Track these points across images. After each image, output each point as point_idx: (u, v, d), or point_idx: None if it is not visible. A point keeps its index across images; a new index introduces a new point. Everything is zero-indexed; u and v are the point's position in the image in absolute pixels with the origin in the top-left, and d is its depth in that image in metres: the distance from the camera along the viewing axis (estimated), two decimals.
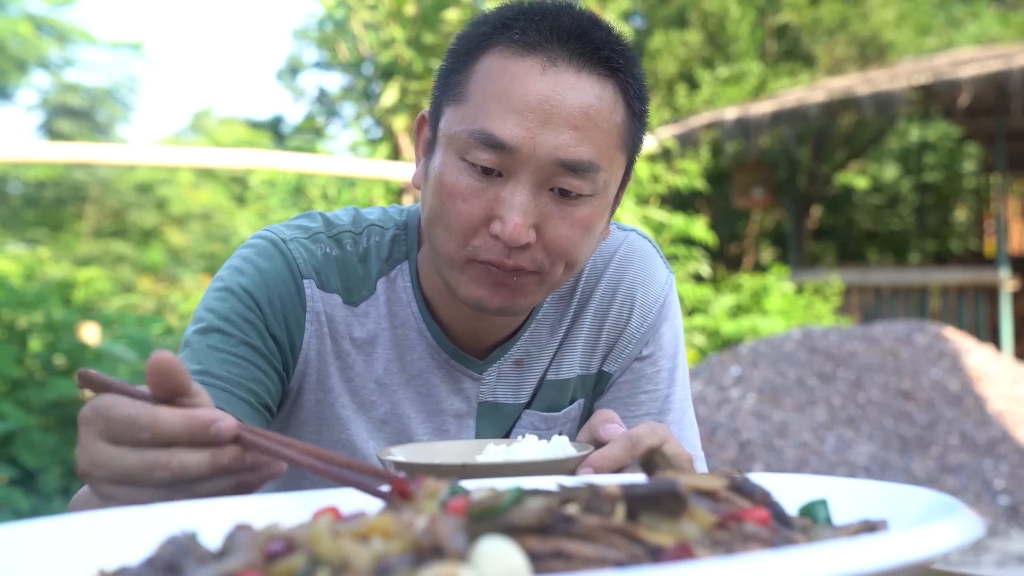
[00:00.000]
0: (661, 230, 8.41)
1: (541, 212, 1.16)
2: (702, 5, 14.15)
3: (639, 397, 1.37)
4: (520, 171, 1.14)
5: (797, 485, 0.77)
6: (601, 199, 1.20)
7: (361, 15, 9.04)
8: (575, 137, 1.14)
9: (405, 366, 1.30)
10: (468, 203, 1.15)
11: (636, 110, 1.21)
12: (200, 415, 0.80)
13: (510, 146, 1.13)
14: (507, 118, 1.13)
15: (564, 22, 1.17)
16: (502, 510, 0.54)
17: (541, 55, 1.15)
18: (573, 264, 1.22)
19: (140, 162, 6.35)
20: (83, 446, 0.82)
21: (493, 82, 1.15)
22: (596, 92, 1.16)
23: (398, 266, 1.31)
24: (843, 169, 14.31)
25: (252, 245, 1.28)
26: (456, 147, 1.16)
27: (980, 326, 10.07)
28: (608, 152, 1.18)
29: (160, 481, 0.79)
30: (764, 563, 0.45)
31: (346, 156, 9.78)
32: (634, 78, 1.21)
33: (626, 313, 1.38)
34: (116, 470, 0.80)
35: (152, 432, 0.79)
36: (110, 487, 0.81)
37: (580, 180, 1.15)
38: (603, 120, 1.16)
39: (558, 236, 1.17)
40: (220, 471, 0.80)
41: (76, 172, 14.75)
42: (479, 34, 1.20)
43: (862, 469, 5.30)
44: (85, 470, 0.82)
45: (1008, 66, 9.13)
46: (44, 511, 4.42)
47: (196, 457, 0.79)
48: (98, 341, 5.51)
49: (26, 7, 15.28)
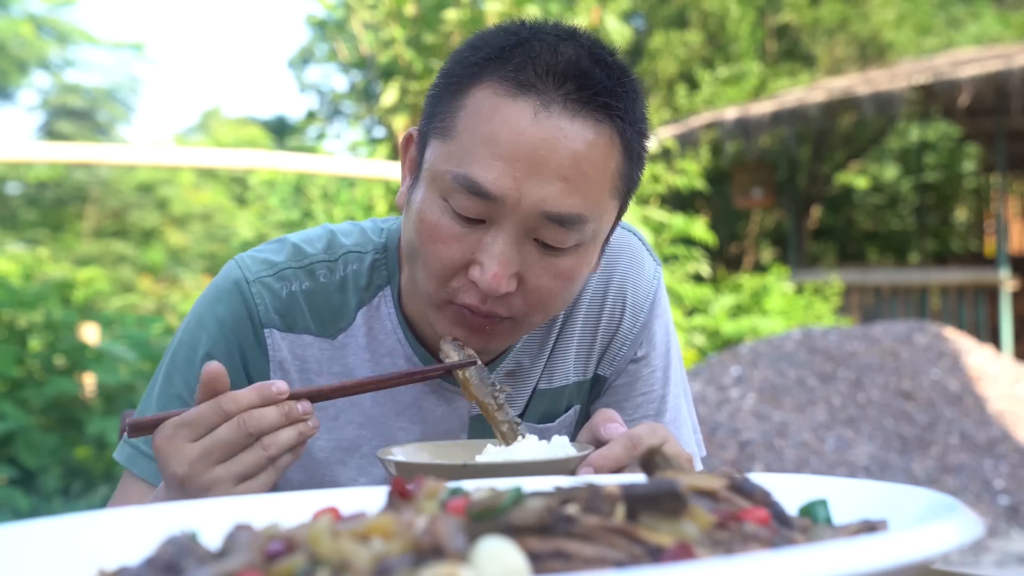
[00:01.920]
0: (661, 230, 8.41)
1: (523, 261, 1.11)
2: (702, 5, 14.15)
3: (636, 400, 1.36)
4: (503, 220, 1.09)
5: (797, 485, 0.77)
6: (589, 247, 1.15)
7: (361, 15, 9.04)
8: (563, 189, 1.08)
9: (395, 395, 1.26)
10: (448, 246, 1.11)
11: (634, 152, 1.15)
12: (263, 383, 1.02)
13: (494, 195, 1.07)
14: (493, 165, 1.07)
15: (562, 60, 1.09)
16: (502, 510, 0.54)
17: (534, 97, 1.08)
18: (552, 313, 1.18)
19: (140, 162, 6.35)
20: (175, 457, 1.00)
21: (482, 123, 1.09)
22: (590, 139, 1.09)
23: (379, 293, 1.27)
24: (843, 169, 14.31)
25: (218, 288, 1.25)
26: (439, 187, 1.11)
27: (980, 326, 10.07)
28: (599, 202, 1.12)
29: (249, 435, 0.99)
30: (764, 563, 0.45)
31: (346, 156, 9.78)
32: (634, 119, 1.14)
33: (618, 314, 1.35)
34: (213, 450, 0.99)
35: (235, 403, 1.00)
36: (210, 472, 0.99)
37: (566, 232, 1.10)
38: (595, 169, 1.10)
39: (539, 287, 1.13)
40: (287, 419, 1.01)
41: (77, 173, 14.75)
42: (472, 62, 1.13)
43: (862, 469, 5.30)
44: (184, 471, 0.99)
45: (1008, 66, 9.13)
46: (44, 511, 4.42)
47: (269, 411, 1.01)
48: (98, 341, 5.51)
49: (27, 7, 15.28)
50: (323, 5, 9.61)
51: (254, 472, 1.01)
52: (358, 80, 10.37)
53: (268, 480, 1.02)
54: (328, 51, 11.30)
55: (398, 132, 8.88)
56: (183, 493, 1.00)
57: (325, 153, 9.91)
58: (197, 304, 1.26)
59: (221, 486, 0.99)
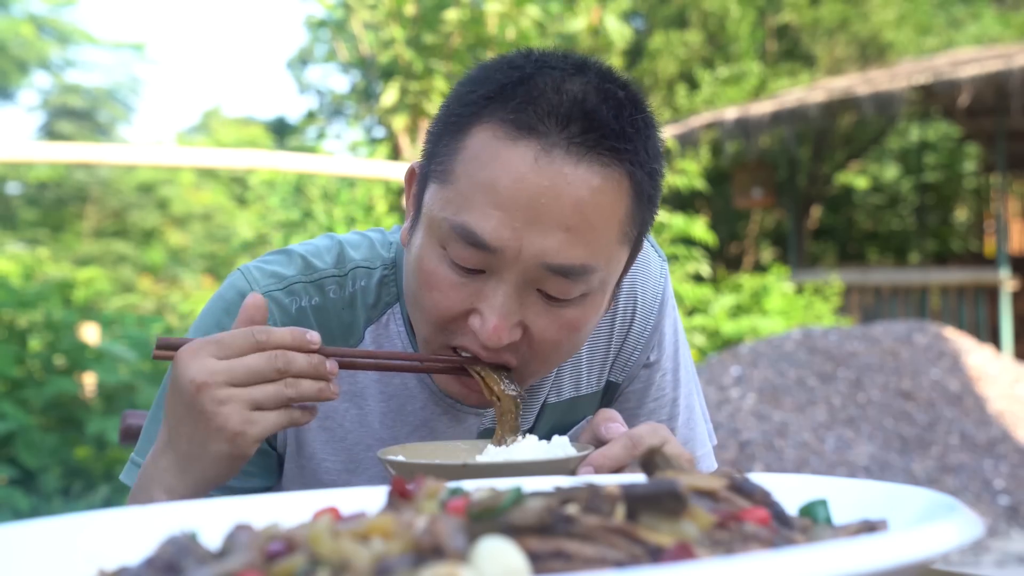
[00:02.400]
0: (661, 230, 8.42)
1: (526, 311, 1.07)
2: (702, 5, 14.15)
3: (649, 406, 1.34)
4: (504, 270, 1.04)
5: (797, 485, 0.77)
6: (596, 296, 1.10)
7: (361, 15, 9.04)
8: (566, 240, 1.02)
9: (407, 417, 1.23)
10: (446, 294, 1.07)
11: (646, 194, 1.09)
12: (298, 328, 1.02)
13: (492, 247, 1.02)
14: (491, 215, 1.02)
15: (567, 99, 1.03)
16: (502, 510, 0.54)
17: (535, 141, 1.02)
18: (555, 365, 1.15)
19: (140, 162, 6.35)
20: (197, 365, 0.98)
21: (480, 168, 1.03)
22: (596, 185, 1.02)
23: (388, 311, 1.23)
24: (843, 169, 14.31)
25: (224, 299, 1.20)
26: (437, 234, 1.06)
27: (980, 326, 10.07)
28: (606, 250, 1.06)
29: (277, 370, 0.99)
30: (764, 563, 0.45)
31: (346, 156, 9.78)
32: (647, 157, 1.07)
33: (628, 317, 1.31)
34: (238, 371, 0.98)
35: (268, 336, 1.00)
36: (228, 389, 0.98)
37: (571, 284, 1.05)
38: (601, 217, 1.04)
39: (544, 338, 1.08)
40: (314, 371, 1.01)
41: (77, 173, 14.76)
42: (471, 101, 1.06)
43: (862, 469, 5.30)
44: (203, 379, 0.97)
45: (1008, 66, 9.13)
46: (44, 511, 4.42)
47: (300, 356, 1.00)
48: (98, 341, 5.51)
49: (28, 8, 15.29)
50: (323, 5, 9.61)
51: (269, 406, 0.99)
52: (358, 80, 10.36)
53: (278, 421, 1.00)
54: (328, 51, 11.30)
55: (398, 132, 8.88)
56: (192, 408, 0.98)
57: (325, 153, 9.91)
58: (203, 317, 1.21)
59: (234, 404, 0.98)
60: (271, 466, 1.23)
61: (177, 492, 1.02)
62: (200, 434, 0.99)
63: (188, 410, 0.99)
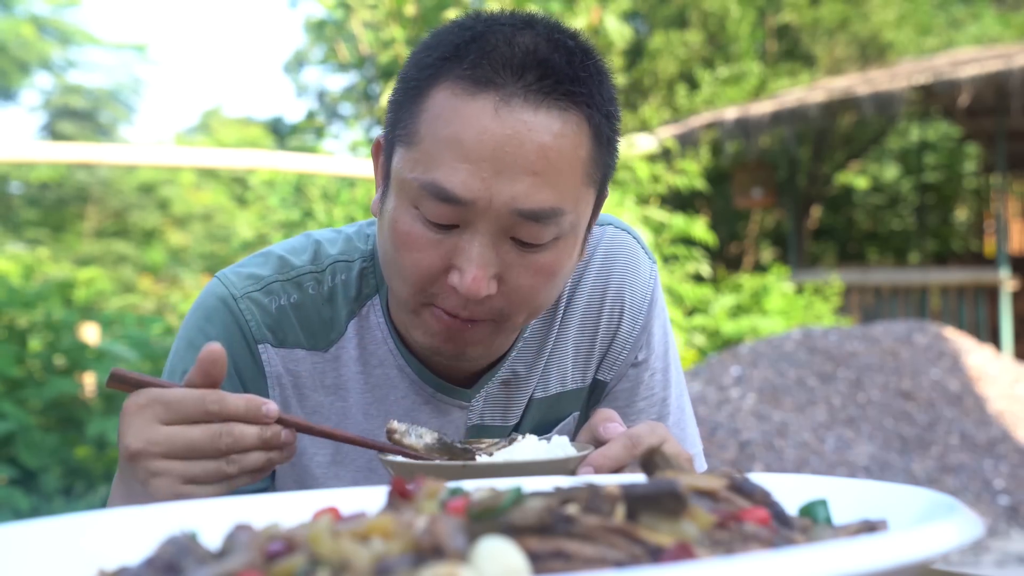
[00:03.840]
0: (661, 230, 8.41)
1: (502, 261, 1.08)
2: (702, 5, 14.15)
3: (638, 405, 1.35)
4: (477, 222, 1.06)
5: (797, 485, 0.77)
6: (568, 239, 1.12)
7: (361, 15, 9.04)
8: (533, 184, 1.05)
9: (388, 407, 1.24)
10: (424, 253, 1.08)
11: (604, 136, 1.12)
12: (255, 397, 0.97)
13: (464, 199, 1.04)
14: (459, 168, 1.04)
15: (519, 51, 1.06)
16: (502, 510, 0.54)
17: (493, 93, 1.04)
18: (536, 311, 1.16)
19: (141, 162, 6.35)
20: (136, 429, 0.95)
21: (443, 126, 1.06)
22: (556, 129, 1.06)
23: (368, 302, 1.24)
24: (843, 169, 14.31)
25: (204, 307, 1.21)
26: (408, 195, 1.08)
27: (980, 326, 10.07)
28: (573, 192, 1.09)
29: (219, 450, 0.94)
30: (764, 563, 0.45)
31: (346, 156, 9.78)
32: (602, 100, 1.10)
33: (616, 318, 1.32)
34: (177, 444, 0.94)
35: (220, 406, 0.95)
36: (164, 462, 0.94)
37: (542, 228, 1.07)
38: (565, 160, 1.07)
39: (521, 286, 1.10)
40: (265, 444, 0.96)
41: (78, 173, 14.76)
42: (427, 64, 1.09)
43: (862, 469, 5.30)
44: (139, 448, 0.95)
45: (1008, 66, 9.14)
46: (44, 511, 4.42)
47: (250, 430, 0.96)
48: (98, 341, 5.51)
49: (30, 8, 15.30)
50: (323, 5, 9.62)
51: (206, 481, 0.96)
52: (358, 80, 10.37)
53: (216, 492, 0.97)
54: (327, 52, 11.31)
55: None
56: (129, 470, 0.97)
57: (325, 153, 9.91)
58: (185, 327, 1.21)
59: (166, 479, 0.95)
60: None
61: None
62: (138, 489, 0.98)
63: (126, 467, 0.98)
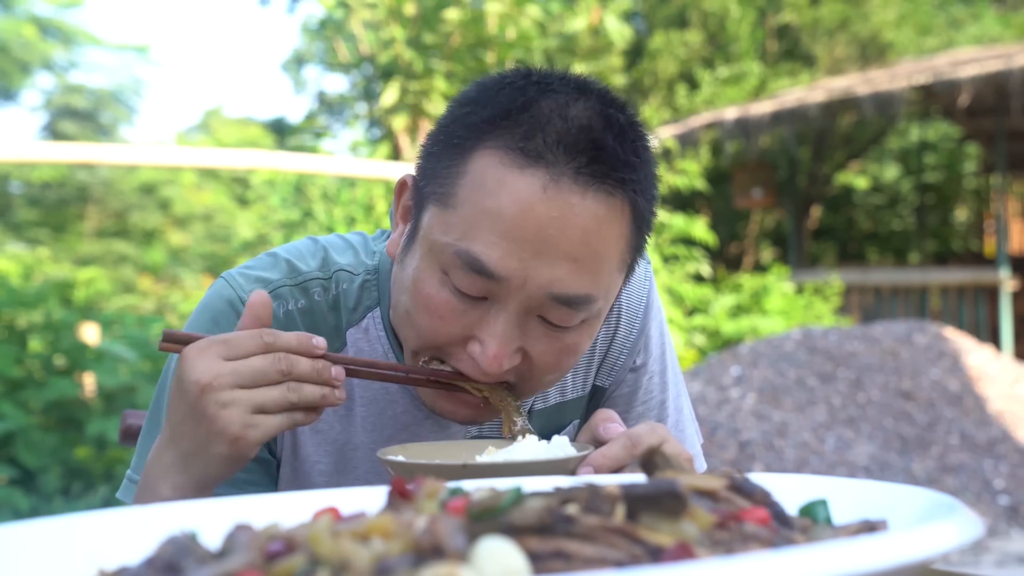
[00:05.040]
0: (661, 230, 8.42)
1: (526, 337, 1.07)
2: (702, 5, 14.15)
3: (637, 409, 1.35)
4: (507, 299, 1.04)
5: (797, 485, 0.77)
6: (594, 322, 1.11)
7: (361, 15, 9.04)
8: (572, 271, 1.02)
9: (388, 422, 1.22)
10: (446, 322, 1.06)
11: (644, 221, 1.09)
12: (304, 333, 1.02)
13: (499, 276, 1.02)
14: (498, 244, 1.01)
15: (574, 127, 1.02)
16: (502, 510, 0.54)
17: (543, 170, 1.00)
18: (547, 386, 1.15)
19: (142, 162, 6.35)
20: (203, 365, 0.98)
21: (486, 195, 1.02)
22: (602, 215, 1.02)
23: (368, 314, 1.22)
24: (843, 169, 14.31)
25: (212, 309, 1.19)
26: (438, 259, 1.05)
27: (980, 326, 10.07)
28: (607, 279, 1.07)
29: (281, 373, 0.99)
30: (764, 563, 0.45)
31: (346, 156, 9.78)
32: (647, 185, 1.07)
33: (613, 323, 1.32)
34: (243, 372, 0.98)
35: (275, 338, 1.00)
36: (232, 392, 0.97)
37: (573, 313, 1.05)
38: (605, 247, 1.04)
39: (544, 363, 1.09)
40: (318, 376, 1.00)
41: (79, 173, 14.77)
42: (473, 123, 1.05)
43: (862, 469, 5.30)
44: (208, 380, 0.97)
45: (1008, 66, 9.14)
46: (44, 511, 4.42)
47: (304, 360, 1.00)
48: (98, 341, 5.51)
49: (32, 9, 15.30)
50: (323, 5, 9.61)
51: (272, 409, 0.99)
52: (358, 80, 10.37)
53: (279, 424, 0.99)
54: (326, 52, 11.31)
55: (398, 132, 8.88)
56: (195, 408, 0.98)
57: (325, 153, 9.92)
58: (191, 328, 1.19)
59: (237, 408, 0.97)
60: (273, 473, 1.23)
61: (182, 489, 1.01)
62: (201, 434, 0.98)
63: (191, 410, 0.98)
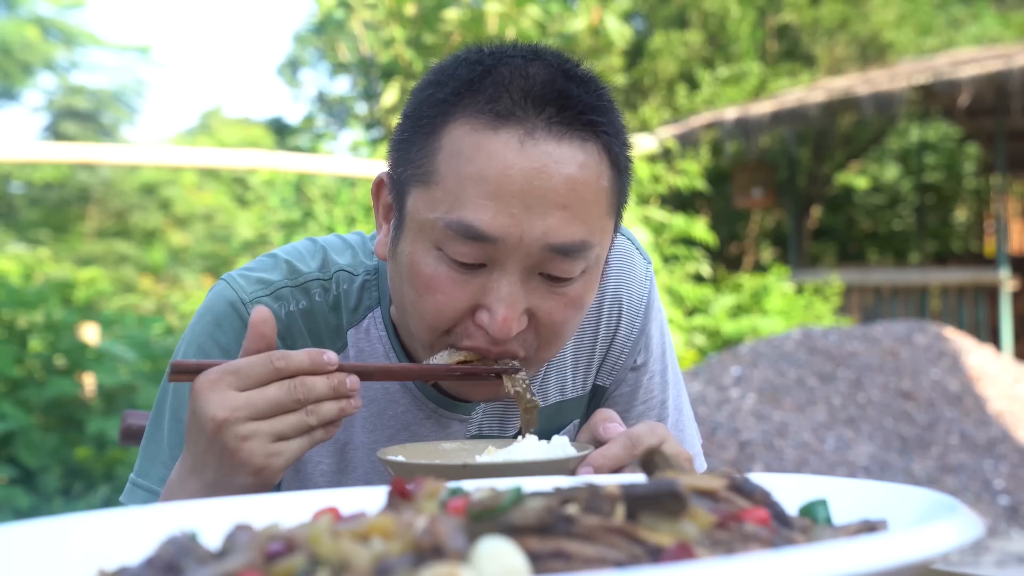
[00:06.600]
0: (661, 230, 8.41)
1: (531, 297, 1.07)
2: (702, 5, 14.15)
3: (638, 408, 1.35)
4: (506, 260, 1.04)
5: (797, 485, 0.77)
6: (593, 271, 1.11)
7: (361, 15, 9.04)
8: (563, 218, 1.03)
9: (388, 421, 1.22)
10: (449, 295, 1.06)
11: (622, 164, 1.11)
12: (314, 349, 1.00)
13: (493, 237, 1.02)
14: (486, 205, 1.01)
15: (536, 83, 1.04)
16: (502, 510, 0.54)
17: (516, 126, 1.02)
18: (562, 345, 1.15)
19: (143, 162, 6.36)
20: (217, 400, 0.96)
21: (465, 162, 1.03)
22: (580, 159, 1.04)
23: (369, 315, 1.22)
24: (843, 169, 14.31)
25: (214, 311, 1.18)
26: (430, 236, 1.05)
27: (980, 326, 10.07)
28: (599, 224, 1.08)
29: (297, 401, 0.97)
30: (764, 563, 0.45)
31: (346, 156, 9.78)
32: (616, 129, 1.09)
33: (614, 322, 1.31)
34: (259, 404, 0.96)
35: (286, 362, 0.97)
36: (251, 424, 0.96)
37: (572, 262, 1.06)
38: (590, 190, 1.05)
39: (552, 321, 1.09)
40: (334, 392, 0.98)
41: (80, 174, 14.77)
42: (440, 99, 1.06)
43: (862, 469, 5.30)
44: (225, 416, 0.95)
45: (1008, 66, 9.13)
46: (44, 511, 4.42)
47: (319, 380, 0.98)
48: (98, 341, 5.51)
49: (34, 9, 15.30)
50: (323, 5, 9.61)
51: (292, 435, 0.98)
52: (358, 80, 10.37)
53: (302, 447, 0.99)
54: (325, 52, 11.31)
55: None
56: (215, 443, 0.97)
57: (325, 153, 9.91)
58: (193, 332, 1.19)
59: (258, 440, 0.96)
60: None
61: None
62: (225, 467, 0.98)
63: (211, 444, 0.97)
